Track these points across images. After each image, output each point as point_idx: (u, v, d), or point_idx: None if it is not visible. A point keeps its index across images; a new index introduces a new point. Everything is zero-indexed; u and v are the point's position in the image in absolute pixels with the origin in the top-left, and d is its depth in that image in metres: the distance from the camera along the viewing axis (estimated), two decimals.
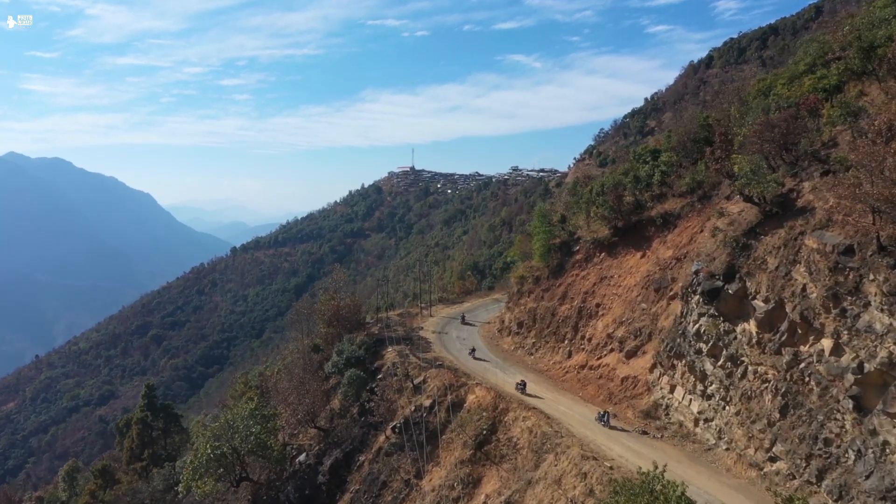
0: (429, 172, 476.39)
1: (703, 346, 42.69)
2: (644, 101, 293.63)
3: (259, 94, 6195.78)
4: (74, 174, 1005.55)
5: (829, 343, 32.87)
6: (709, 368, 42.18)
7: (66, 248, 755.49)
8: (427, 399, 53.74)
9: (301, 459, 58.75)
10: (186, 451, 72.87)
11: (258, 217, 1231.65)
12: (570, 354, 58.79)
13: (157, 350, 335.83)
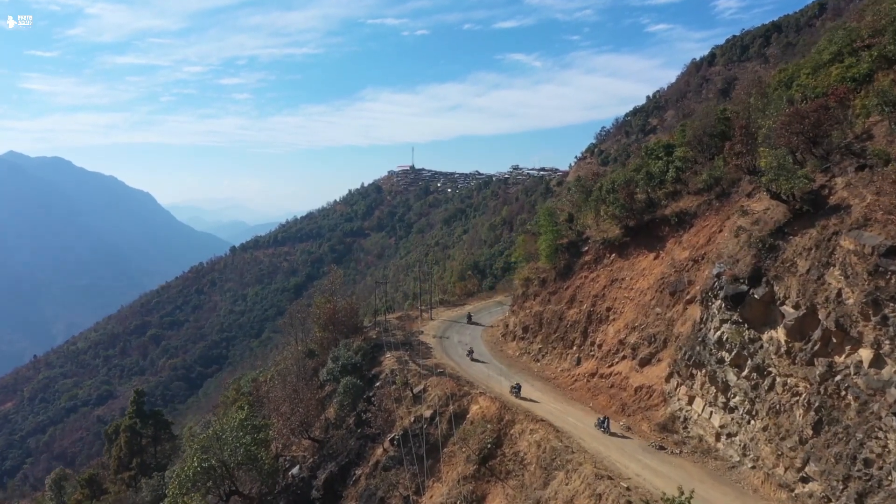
0: (429, 171, 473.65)
1: (726, 355, 39.59)
2: (646, 99, 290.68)
3: (259, 94, 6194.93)
4: (74, 173, 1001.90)
5: (869, 354, 30.22)
6: (732, 379, 39.06)
7: (66, 248, 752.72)
8: (427, 409, 50.62)
9: (294, 473, 55.62)
10: (177, 460, 69.75)
11: (258, 216, 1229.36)
12: (580, 361, 55.63)
13: (156, 350, 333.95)
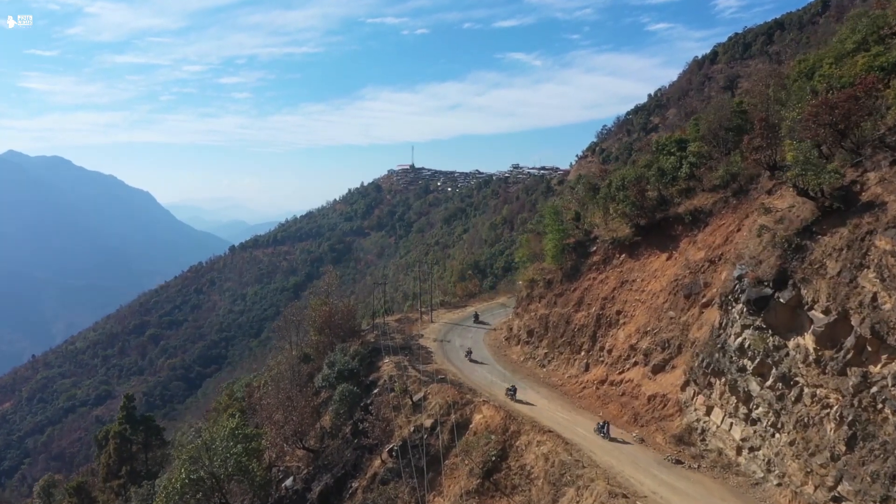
0: (429, 170, 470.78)
1: (748, 363, 36.88)
2: (647, 98, 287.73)
3: (258, 93, 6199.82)
4: (74, 172, 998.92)
5: None
6: (755, 389, 36.36)
7: (66, 247, 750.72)
8: (428, 418, 47.91)
9: (287, 484, 52.82)
10: (168, 468, 66.93)
11: (258, 216, 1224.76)
12: (588, 367, 52.91)
13: (155, 350, 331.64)
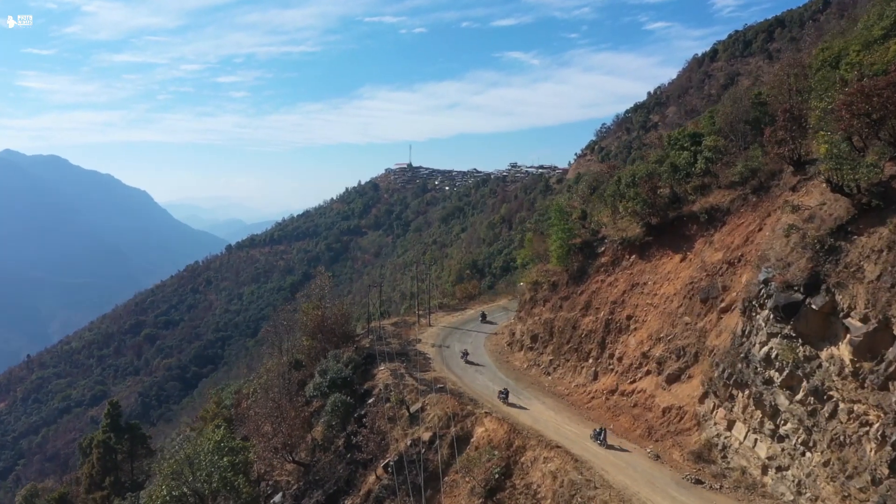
0: (426, 169, 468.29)
1: (775, 375, 33.83)
2: (647, 96, 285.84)
3: (256, 92, 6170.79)
4: (70, 172, 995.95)
5: None
6: (783, 403, 33.30)
7: (63, 246, 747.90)
8: (426, 431, 44.74)
9: (276, 501, 49.47)
10: (153, 480, 63.66)
11: (256, 214, 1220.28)
12: (596, 376, 49.73)
13: (151, 349, 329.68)
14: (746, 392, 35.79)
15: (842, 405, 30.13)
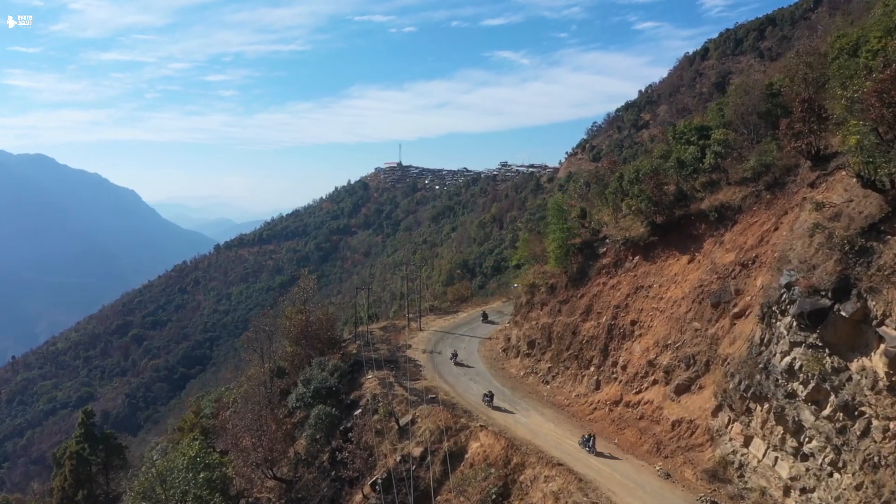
0: (416, 168, 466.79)
1: (799, 388, 30.87)
2: (638, 94, 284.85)
3: (245, 90, 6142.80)
4: (57, 171, 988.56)
5: None
6: (808, 419, 30.35)
7: (50, 245, 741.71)
8: (417, 446, 41.57)
9: None
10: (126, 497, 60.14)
11: (245, 214, 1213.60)
12: (599, 385, 46.69)
13: (138, 350, 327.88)
14: (766, 406, 32.87)
15: (875, 422, 27.30)
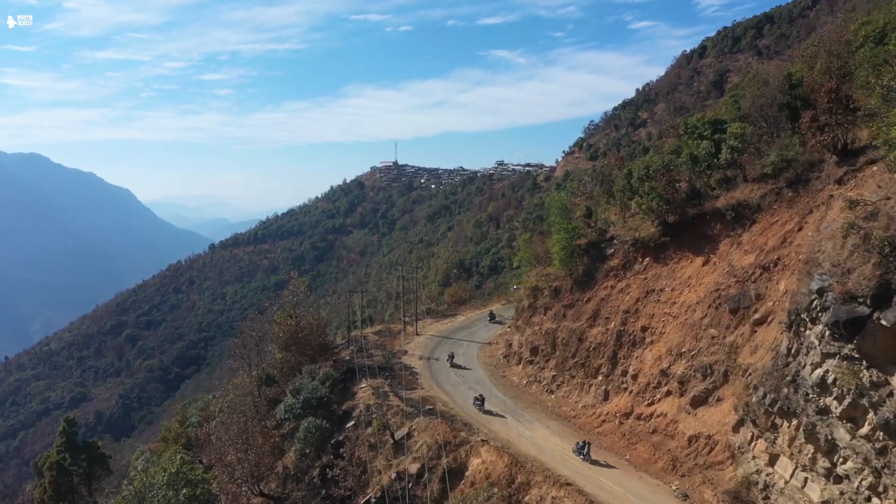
0: (412, 167, 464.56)
1: (833, 404, 28.06)
2: (635, 93, 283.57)
3: (241, 90, 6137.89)
4: (52, 170, 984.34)
5: None
6: (842, 438, 27.56)
7: (44, 245, 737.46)
8: (413, 462, 38.81)
9: None
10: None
11: (240, 213, 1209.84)
12: (607, 396, 43.89)
13: (132, 350, 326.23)
14: (794, 422, 30.08)
15: None
